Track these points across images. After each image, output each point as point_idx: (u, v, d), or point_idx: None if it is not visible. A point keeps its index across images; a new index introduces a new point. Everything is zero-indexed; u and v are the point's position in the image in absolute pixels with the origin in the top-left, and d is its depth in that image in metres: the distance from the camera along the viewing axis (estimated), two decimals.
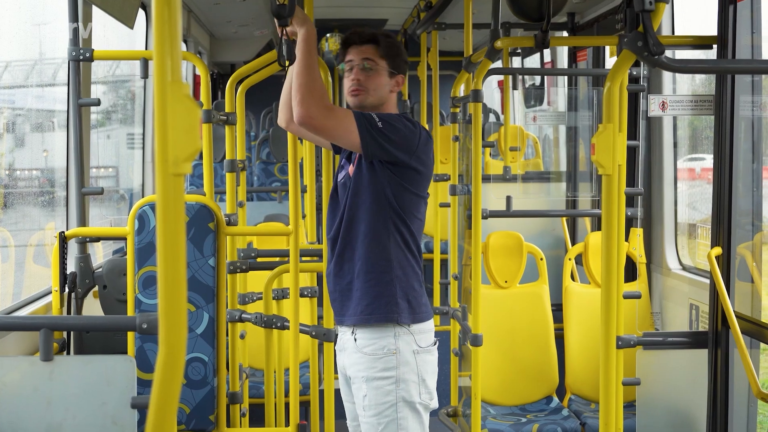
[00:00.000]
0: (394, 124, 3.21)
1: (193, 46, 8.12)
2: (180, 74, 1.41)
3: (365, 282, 3.31)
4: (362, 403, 3.29)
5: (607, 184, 2.57)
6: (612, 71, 2.54)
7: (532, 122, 6.61)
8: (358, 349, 3.30)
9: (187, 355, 3.78)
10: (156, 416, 1.43)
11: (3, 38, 6.18)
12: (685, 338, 4.06)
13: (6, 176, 6.85)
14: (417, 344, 3.28)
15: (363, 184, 3.31)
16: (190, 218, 3.75)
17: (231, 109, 4.10)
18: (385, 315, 3.28)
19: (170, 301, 1.41)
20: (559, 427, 4.50)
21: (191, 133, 1.40)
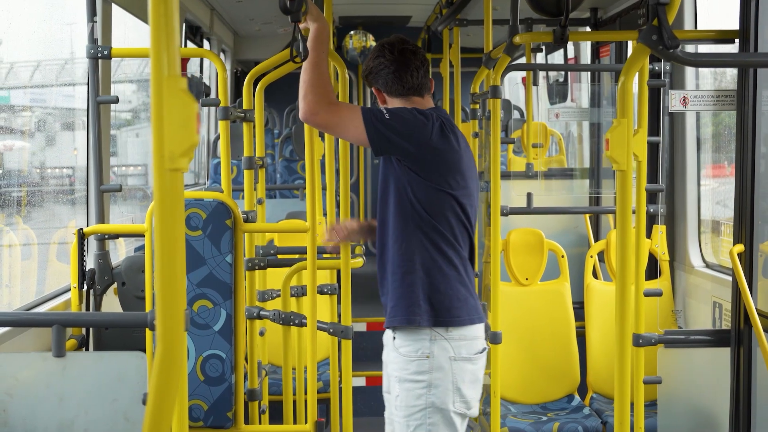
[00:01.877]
0: (403, 116, 3.17)
1: (216, 44, 8.14)
2: (177, 69, 1.40)
3: (392, 283, 3.32)
4: (394, 402, 3.29)
5: (621, 180, 2.54)
6: (626, 66, 2.51)
7: (555, 119, 6.56)
8: (395, 347, 3.30)
9: (205, 351, 3.78)
10: (153, 413, 1.42)
11: (34, 38, 6.23)
12: (708, 336, 4.01)
13: (37, 174, 6.90)
14: (454, 351, 3.22)
15: (387, 182, 3.30)
16: (207, 215, 3.75)
17: (249, 106, 4.10)
18: (406, 317, 3.26)
19: (168, 297, 1.41)
20: (580, 426, 4.47)
21: (188, 128, 1.39)
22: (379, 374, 6.52)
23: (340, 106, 3.13)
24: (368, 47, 10.46)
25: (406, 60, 3.34)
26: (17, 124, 7.15)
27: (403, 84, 3.34)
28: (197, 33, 7.51)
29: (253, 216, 4.09)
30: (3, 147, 6.72)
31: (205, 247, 3.78)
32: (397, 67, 3.33)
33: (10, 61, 7.24)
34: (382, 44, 3.39)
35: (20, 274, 5.30)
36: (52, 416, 2.46)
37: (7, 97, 7.14)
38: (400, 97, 3.34)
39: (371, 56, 3.39)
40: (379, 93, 3.38)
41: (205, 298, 3.79)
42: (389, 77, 3.34)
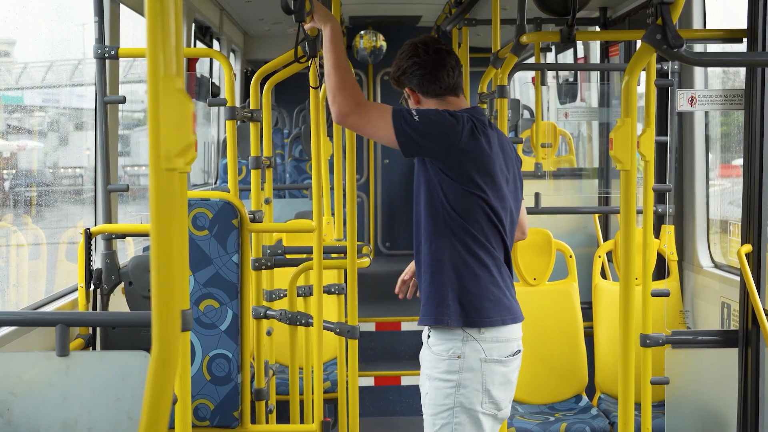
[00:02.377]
0: (431, 118, 3.14)
1: (225, 44, 8.15)
2: (173, 68, 1.40)
3: (423, 282, 3.33)
4: (423, 400, 3.31)
5: (625, 180, 2.53)
6: (630, 65, 2.50)
7: (564, 118, 6.55)
8: (429, 346, 3.31)
9: (211, 351, 3.78)
10: (149, 413, 1.42)
11: (47, 39, 6.25)
12: (715, 337, 3.99)
13: (50, 174, 6.93)
14: (486, 353, 3.20)
15: (420, 182, 3.32)
16: (214, 215, 3.76)
17: (255, 106, 4.10)
18: (435, 317, 3.26)
19: (164, 297, 1.40)
20: (587, 426, 4.46)
21: (184, 128, 1.40)
22: (387, 374, 6.55)
23: (369, 107, 3.11)
24: (378, 47, 10.45)
25: (442, 59, 3.33)
26: (30, 124, 7.18)
27: (440, 84, 3.32)
28: (207, 33, 7.52)
29: (259, 216, 4.10)
30: (16, 147, 6.75)
31: (211, 246, 3.78)
32: (433, 67, 3.32)
33: (23, 62, 7.27)
34: (415, 44, 3.37)
35: (31, 274, 5.32)
36: (55, 415, 2.46)
37: (21, 97, 7.16)
38: (436, 97, 3.34)
39: (404, 56, 3.36)
40: (413, 93, 3.36)
41: (211, 297, 3.79)
42: (425, 77, 3.32)
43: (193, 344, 3.78)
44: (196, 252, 3.77)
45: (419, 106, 3.34)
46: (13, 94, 7.00)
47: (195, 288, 3.78)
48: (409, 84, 3.35)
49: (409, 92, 3.37)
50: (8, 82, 6.97)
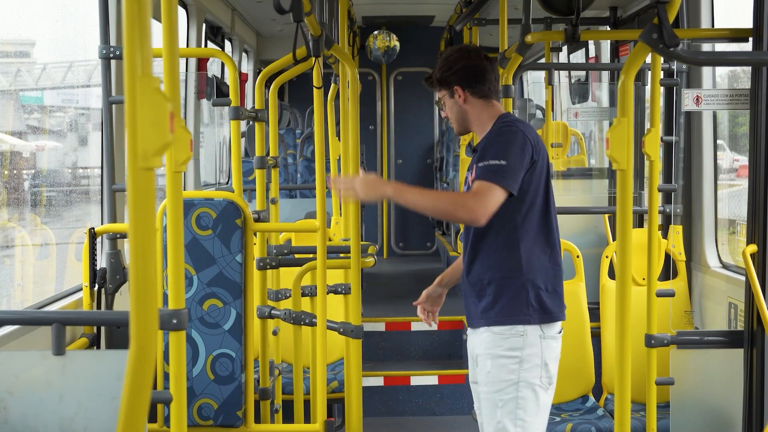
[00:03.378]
0: (509, 152, 3.28)
1: (237, 44, 8.17)
2: (150, 68, 1.41)
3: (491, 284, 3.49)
4: (483, 378, 3.40)
5: (621, 180, 2.52)
6: (626, 64, 2.49)
7: (574, 118, 6.53)
8: (486, 327, 3.42)
9: (215, 350, 3.79)
10: (127, 412, 1.43)
11: (65, 40, 6.28)
12: (721, 337, 3.97)
13: (69, 174, 6.96)
14: (542, 330, 3.40)
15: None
16: (218, 214, 3.77)
17: (260, 106, 4.11)
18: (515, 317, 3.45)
19: (140, 296, 1.41)
20: (593, 427, 4.44)
21: (161, 127, 1.40)
22: (397, 374, 6.55)
23: (478, 196, 3.21)
24: (392, 47, 10.45)
25: (492, 65, 3.56)
26: (50, 125, 7.22)
27: (489, 86, 3.51)
28: (218, 33, 7.54)
29: (264, 215, 4.10)
30: (35, 147, 6.79)
31: (215, 246, 3.80)
32: (483, 71, 3.51)
33: (43, 62, 7.30)
34: (466, 48, 3.59)
35: (43, 274, 5.35)
36: (52, 414, 2.48)
37: (41, 98, 7.20)
38: (482, 98, 3.50)
39: (454, 57, 3.53)
40: (462, 92, 3.50)
41: (215, 297, 3.81)
42: (476, 78, 3.50)
43: (196, 343, 3.80)
44: (200, 251, 3.79)
45: (464, 106, 3.51)
46: (32, 95, 7.04)
47: (199, 287, 3.79)
48: (459, 83, 3.50)
49: (457, 90, 3.50)
50: (27, 82, 7.01)
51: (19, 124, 6.69)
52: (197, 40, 6.26)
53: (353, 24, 8.60)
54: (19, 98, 6.92)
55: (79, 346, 3.83)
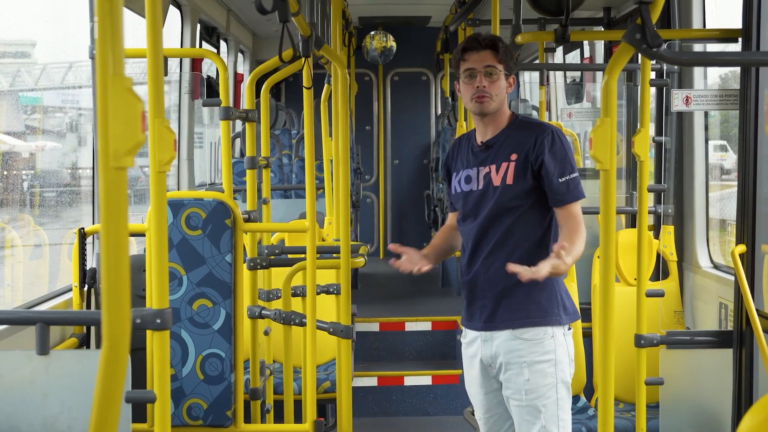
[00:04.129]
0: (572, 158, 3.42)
1: (233, 45, 8.17)
2: (122, 67, 1.41)
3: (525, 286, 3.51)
4: (524, 387, 3.39)
5: (605, 180, 2.52)
6: (609, 65, 2.49)
7: (567, 118, 6.53)
8: (514, 336, 3.42)
9: (204, 351, 3.80)
10: (99, 411, 1.43)
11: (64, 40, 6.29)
12: (710, 338, 3.97)
13: (68, 174, 6.97)
14: (564, 329, 3.47)
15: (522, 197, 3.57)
16: (207, 214, 3.77)
17: (251, 106, 4.11)
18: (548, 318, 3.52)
19: (112, 295, 1.41)
20: (583, 427, 4.44)
21: (132, 127, 1.40)
22: (391, 374, 6.56)
23: (582, 221, 3.39)
24: (388, 48, 10.46)
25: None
26: (50, 125, 7.23)
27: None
28: (213, 34, 7.55)
29: (255, 216, 4.11)
30: (35, 148, 6.79)
31: (204, 246, 3.80)
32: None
33: (43, 63, 7.31)
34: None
35: (35, 274, 5.36)
36: (36, 414, 2.48)
37: (39, 98, 7.21)
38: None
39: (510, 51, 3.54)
40: (514, 80, 3.53)
41: (204, 297, 3.81)
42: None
43: (186, 343, 3.80)
44: (190, 251, 3.79)
45: (505, 94, 3.49)
46: (32, 95, 7.04)
47: (188, 287, 3.80)
48: (514, 72, 3.53)
49: (511, 78, 3.50)
50: (27, 82, 7.02)
51: (18, 125, 6.70)
52: (191, 41, 6.27)
53: (349, 24, 8.60)
54: (19, 99, 6.93)
55: (68, 346, 3.83)
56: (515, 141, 3.40)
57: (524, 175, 3.36)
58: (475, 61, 3.42)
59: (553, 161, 3.34)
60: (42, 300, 3.99)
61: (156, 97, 2.36)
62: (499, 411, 3.56)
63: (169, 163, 2.41)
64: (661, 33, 3.97)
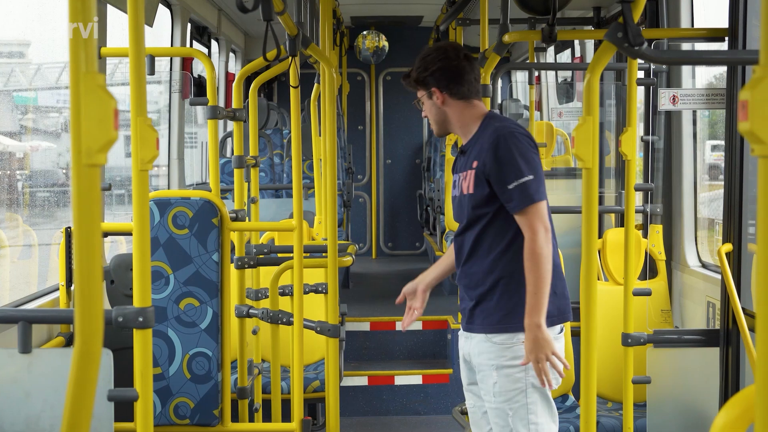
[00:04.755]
0: (528, 160, 3.28)
1: (224, 44, 8.16)
2: (95, 65, 1.41)
3: (491, 290, 3.47)
4: (491, 389, 3.38)
5: (587, 178, 2.53)
6: (592, 63, 2.50)
7: (558, 118, 6.54)
8: (486, 338, 3.39)
9: (191, 350, 3.80)
10: (72, 410, 1.43)
11: (62, 39, 6.28)
12: (697, 336, 3.99)
13: (63, 174, 6.96)
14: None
15: (485, 200, 3.50)
16: (194, 213, 3.77)
17: (238, 105, 4.11)
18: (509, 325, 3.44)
19: (85, 293, 1.41)
20: (571, 426, 4.44)
21: (105, 124, 1.40)
22: (381, 374, 6.56)
23: (534, 226, 3.24)
24: (381, 47, 10.45)
25: (471, 64, 3.47)
26: (44, 125, 7.21)
27: (469, 87, 3.44)
28: (204, 33, 7.54)
29: (242, 215, 4.11)
30: (29, 148, 6.78)
31: (191, 245, 3.80)
32: (462, 71, 3.44)
33: (37, 63, 7.30)
34: (444, 48, 3.50)
35: (23, 274, 5.35)
36: (18, 412, 2.48)
37: (35, 98, 7.20)
38: (461, 99, 3.44)
39: (431, 58, 3.46)
40: (439, 94, 3.44)
41: (191, 296, 3.81)
42: (454, 80, 3.43)
43: (173, 342, 3.80)
44: (176, 250, 3.79)
45: (443, 107, 3.45)
46: (26, 95, 7.04)
47: (175, 286, 3.79)
48: (437, 84, 3.44)
49: (435, 92, 3.44)
50: (21, 82, 7.01)
51: (13, 125, 6.70)
52: (182, 40, 6.26)
53: (341, 24, 8.59)
54: (13, 98, 6.92)
55: (55, 345, 3.83)
56: (477, 147, 3.37)
57: (481, 183, 3.32)
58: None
59: (498, 168, 3.26)
60: (28, 299, 3.98)
61: (138, 95, 2.35)
62: (484, 406, 3.57)
63: (151, 162, 2.40)
64: (649, 32, 3.99)
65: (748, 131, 1.30)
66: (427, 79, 3.44)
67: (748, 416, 1.56)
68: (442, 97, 3.43)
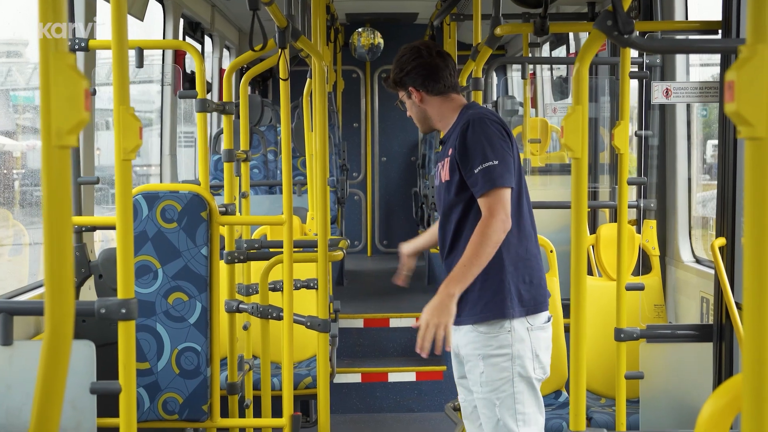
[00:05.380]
0: (494, 146, 3.27)
1: (218, 40, 8.13)
2: (65, 45, 1.38)
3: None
4: (479, 380, 3.39)
5: (576, 169, 2.49)
6: (581, 52, 2.46)
7: (552, 113, 6.52)
8: (473, 328, 3.41)
9: (180, 344, 3.76)
10: (41, 403, 1.40)
11: None
12: (691, 331, 3.95)
13: None
14: (529, 322, 3.40)
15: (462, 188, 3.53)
16: (183, 207, 3.74)
17: (228, 98, 4.08)
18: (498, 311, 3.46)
19: (56, 282, 1.38)
20: (564, 422, 4.41)
21: (75, 105, 1.37)
22: (375, 371, 6.53)
23: (493, 210, 3.23)
24: (376, 44, 10.43)
25: (444, 60, 3.53)
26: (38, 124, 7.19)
27: (444, 83, 3.50)
28: (197, 29, 7.49)
29: (232, 209, 4.07)
30: (26, 147, 6.76)
31: (180, 239, 3.77)
32: (436, 68, 3.50)
33: (35, 62, 7.27)
34: (416, 47, 3.55)
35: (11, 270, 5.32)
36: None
37: (32, 98, 7.16)
38: (439, 95, 3.50)
39: (406, 58, 3.52)
40: (416, 92, 3.51)
41: (180, 290, 3.78)
42: (429, 77, 3.50)
43: (161, 337, 3.77)
44: (165, 244, 3.75)
45: (422, 105, 3.52)
46: (24, 94, 7.00)
47: (164, 281, 3.76)
48: (413, 84, 3.50)
49: (412, 91, 3.51)
50: (19, 82, 6.98)
51: (9, 124, 6.67)
52: (174, 36, 6.22)
53: (335, 21, 8.56)
54: (10, 98, 6.90)
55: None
56: (454, 135, 3.41)
57: (455, 170, 3.35)
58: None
59: (465, 153, 3.30)
60: (17, 293, 3.95)
61: (121, 83, 2.32)
62: (475, 402, 3.55)
63: (134, 151, 2.37)
64: (642, 25, 3.97)
65: (735, 112, 1.27)
66: (403, 79, 3.52)
67: (735, 405, 1.52)
68: (420, 95, 3.51)
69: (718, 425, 1.54)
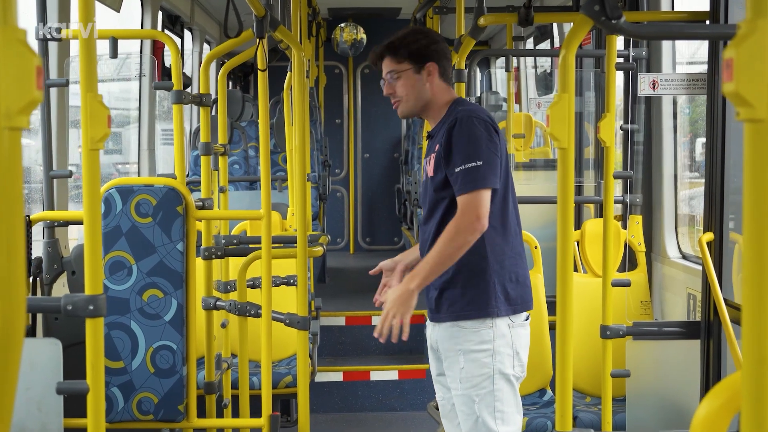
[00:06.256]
0: (479, 147, 3.18)
1: (198, 35, 8.01)
2: (15, 18, 1.28)
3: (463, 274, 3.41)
4: (458, 375, 3.32)
5: (562, 160, 2.40)
6: (567, 38, 2.38)
7: (536, 108, 6.44)
8: (454, 323, 3.34)
9: (155, 342, 3.66)
10: None
11: None
12: (678, 328, 3.89)
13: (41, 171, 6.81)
14: (511, 319, 3.34)
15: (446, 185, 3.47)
16: (158, 201, 3.64)
17: (205, 90, 3.98)
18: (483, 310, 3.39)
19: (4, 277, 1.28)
20: (549, 421, 4.33)
21: (26, 83, 1.27)
22: (356, 369, 6.44)
23: (468, 209, 3.13)
24: (359, 40, 10.33)
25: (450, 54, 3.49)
26: None
27: (449, 72, 3.45)
28: (176, 22, 7.38)
29: (209, 204, 3.97)
30: None
31: (155, 234, 3.66)
32: (451, 56, 3.47)
33: None
34: (432, 32, 3.51)
35: None
36: None
37: None
38: (446, 81, 3.42)
39: (432, 36, 3.44)
40: (434, 70, 3.36)
41: (155, 287, 3.67)
42: (448, 61, 3.42)
43: (136, 335, 3.66)
44: (140, 240, 3.65)
45: (428, 85, 3.36)
46: None
47: (138, 277, 3.66)
48: (437, 59, 3.37)
49: (431, 67, 3.35)
50: None
51: None
52: (152, 28, 6.10)
53: (317, 15, 8.46)
54: None
55: None
56: (441, 131, 3.31)
57: (440, 167, 3.26)
58: (383, 71, 3.42)
59: (449, 151, 3.21)
60: None
61: (88, 70, 2.22)
62: (453, 399, 3.48)
63: (102, 141, 2.27)
64: (629, 15, 3.87)
65: (733, 92, 1.18)
66: (429, 52, 3.36)
67: (732, 405, 1.44)
68: (436, 73, 3.36)
69: (714, 426, 1.46)
